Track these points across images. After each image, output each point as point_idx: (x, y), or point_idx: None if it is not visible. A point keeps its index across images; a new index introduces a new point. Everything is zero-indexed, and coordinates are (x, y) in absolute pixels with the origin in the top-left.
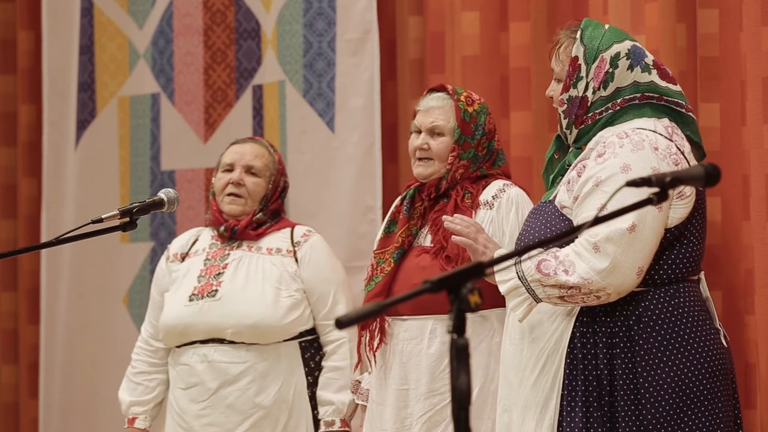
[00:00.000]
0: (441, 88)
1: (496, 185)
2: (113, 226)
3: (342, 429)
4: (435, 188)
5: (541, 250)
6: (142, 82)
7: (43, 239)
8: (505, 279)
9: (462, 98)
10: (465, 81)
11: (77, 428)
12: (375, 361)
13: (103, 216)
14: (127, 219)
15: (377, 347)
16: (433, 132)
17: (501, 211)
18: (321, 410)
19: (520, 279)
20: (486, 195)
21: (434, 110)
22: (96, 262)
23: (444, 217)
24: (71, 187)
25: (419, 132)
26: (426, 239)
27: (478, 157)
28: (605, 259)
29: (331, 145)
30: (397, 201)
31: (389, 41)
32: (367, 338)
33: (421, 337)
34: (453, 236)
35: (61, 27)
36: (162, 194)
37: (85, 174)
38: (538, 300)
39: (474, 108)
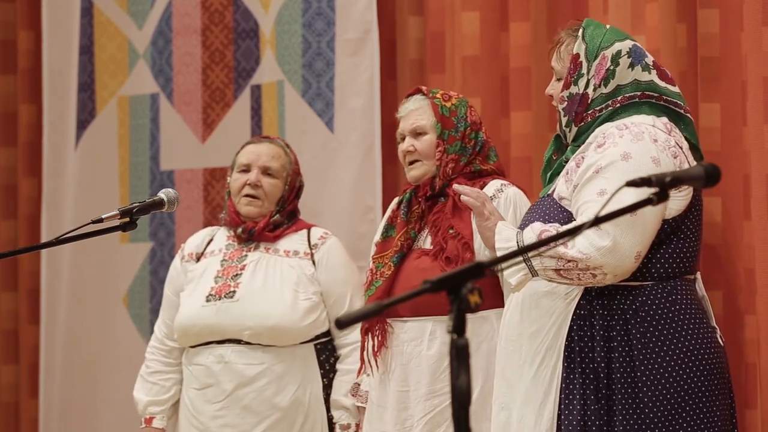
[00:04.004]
0: (416, 92)
1: (494, 185)
2: (113, 226)
3: None
4: (430, 187)
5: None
6: (142, 82)
7: (43, 239)
8: (504, 247)
9: (438, 96)
10: (465, 81)
11: (77, 428)
12: (378, 365)
13: (103, 216)
14: (127, 219)
15: (378, 350)
16: (416, 133)
17: (499, 211)
18: (335, 414)
19: (519, 247)
20: None
21: (413, 113)
22: (96, 262)
23: (455, 185)
24: (71, 187)
25: (404, 138)
26: (426, 242)
27: (467, 149)
28: (606, 238)
29: (330, 145)
30: (394, 205)
31: (389, 41)
32: (370, 343)
33: (421, 339)
34: (462, 197)
35: (61, 27)
36: (162, 194)
37: (85, 174)
38: (534, 273)
39: (452, 102)
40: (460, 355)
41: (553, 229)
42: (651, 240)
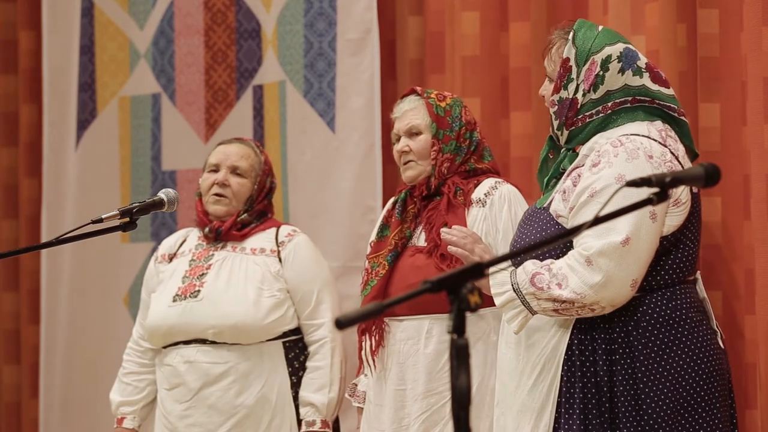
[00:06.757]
0: (410, 93)
1: (488, 183)
2: (113, 226)
3: (322, 430)
4: (426, 187)
5: (538, 251)
6: (143, 83)
7: (44, 239)
8: (500, 291)
9: (432, 96)
10: (465, 81)
11: (77, 428)
12: (375, 365)
13: (103, 216)
14: (127, 219)
15: (376, 350)
16: (411, 133)
17: (494, 209)
18: (302, 410)
19: (515, 291)
20: (478, 193)
21: (408, 113)
22: (96, 262)
23: (442, 230)
24: (72, 187)
25: (399, 138)
26: (420, 239)
27: (462, 149)
28: (598, 274)
29: (331, 145)
30: (389, 205)
31: (389, 41)
32: (368, 343)
33: (418, 337)
34: (449, 247)
35: (62, 27)
36: (162, 194)
37: (86, 174)
38: (533, 312)
39: (446, 102)
40: (460, 356)
41: (545, 270)
42: (648, 263)
